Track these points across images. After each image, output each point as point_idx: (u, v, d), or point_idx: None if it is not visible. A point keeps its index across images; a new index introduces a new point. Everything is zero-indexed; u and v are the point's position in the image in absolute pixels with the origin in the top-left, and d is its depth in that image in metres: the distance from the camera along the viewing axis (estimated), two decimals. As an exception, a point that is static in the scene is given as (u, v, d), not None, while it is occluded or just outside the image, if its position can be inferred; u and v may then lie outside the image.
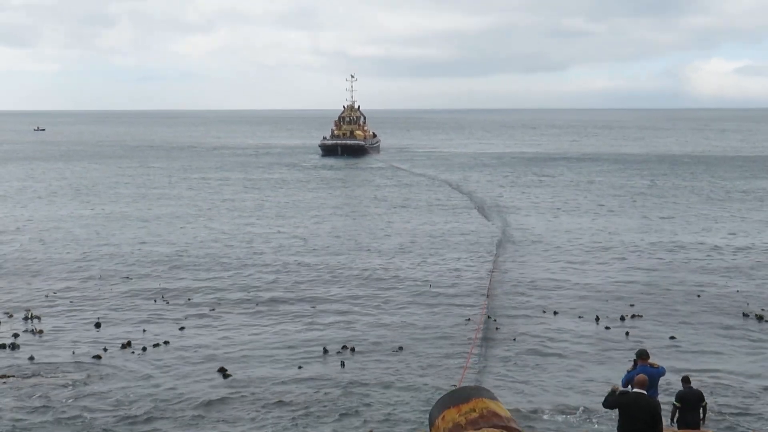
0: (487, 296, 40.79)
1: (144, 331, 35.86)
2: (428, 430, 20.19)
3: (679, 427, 19.02)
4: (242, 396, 27.77)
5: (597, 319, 37.37)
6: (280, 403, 26.91)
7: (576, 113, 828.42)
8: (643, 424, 14.95)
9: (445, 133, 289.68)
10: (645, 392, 15.26)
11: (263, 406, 26.77)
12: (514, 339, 34.14)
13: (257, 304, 40.36)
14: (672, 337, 34.44)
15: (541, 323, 36.76)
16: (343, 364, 30.78)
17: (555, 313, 38.48)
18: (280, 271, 47.87)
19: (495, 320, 36.85)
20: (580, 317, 37.80)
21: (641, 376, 15.79)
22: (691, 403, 19.16)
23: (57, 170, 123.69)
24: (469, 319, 37.02)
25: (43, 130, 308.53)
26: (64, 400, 27.33)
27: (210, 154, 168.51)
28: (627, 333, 35.20)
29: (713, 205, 77.60)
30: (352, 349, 32.67)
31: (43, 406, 26.78)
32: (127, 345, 33.62)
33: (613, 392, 16.25)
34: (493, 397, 20.52)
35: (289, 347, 33.06)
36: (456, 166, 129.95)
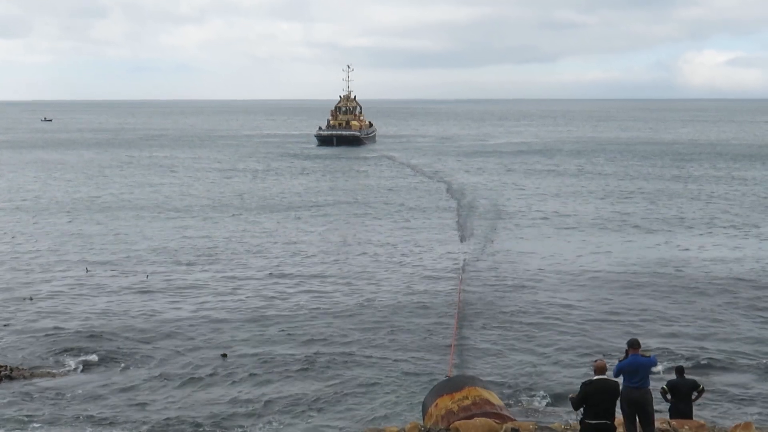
0: (459, 290, 40.76)
1: (145, 318, 36.22)
2: (421, 418, 20.40)
3: (671, 417, 19.16)
4: (240, 383, 28.15)
5: (582, 307, 37.77)
6: (272, 396, 27.19)
7: (569, 104, 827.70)
8: (608, 405, 15.27)
9: (438, 124, 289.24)
10: (606, 377, 15.52)
11: (260, 395, 27.12)
12: (495, 328, 34.43)
13: (246, 297, 40.62)
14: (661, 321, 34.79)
15: (527, 313, 37.02)
16: (330, 361, 30.68)
17: (541, 302, 38.82)
18: (265, 265, 47.75)
19: (479, 309, 37.15)
20: (565, 306, 38.07)
21: (600, 362, 16.09)
22: (682, 393, 19.29)
23: (64, 160, 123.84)
24: (450, 304, 37.32)
25: (50, 120, 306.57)
26: (67, 390, 27.65)
27: (204, 144, 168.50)
28: (615, 320, 35.59)
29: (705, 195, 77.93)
30: (340, 346, 32.59)
31: (49, 397, 27.07)
32: (128, 331, 34.06)
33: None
34: (485, 386, 20.77)
35: (274, 344, 32.82)
36: (448, 156, 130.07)
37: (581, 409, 16.11)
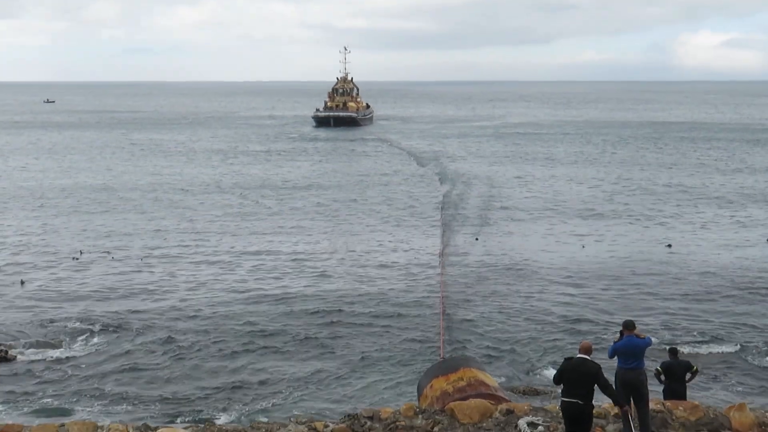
0: (442, 273, 40.73)
1: (139, 298, 36.40)
2: (416, 399, 20.44)
3: (665, 398, 19.20)
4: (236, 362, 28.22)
5: (575, 289, 37.96)
6: (266, 377, 27.38)
7: (564, 86, 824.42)
8: (583, 387, 15.32)
9: (434, 105, 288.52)
10: (587, 357, 15.56)
11: (255, 376, 27.29)
12: (487, 310, 34.53)
13: (240, 279, 40.74)
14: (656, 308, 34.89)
15: (519, 295, 37.19)
16: (322, 343, 30.72)
17: (532, 284, 38.96)
18: (258, 247, 47.81)
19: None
20: (557, 288, 38.31)
21: (585, 342, 16.09)
22: (676, 374, 19.33)
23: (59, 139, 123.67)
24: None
25: (53, 102, 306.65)
26: (67, 368, 27.92)
27: (204, 125, 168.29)
28: (607, 302, 35.78)
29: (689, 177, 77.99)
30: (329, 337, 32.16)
31: (50, 375, 27.31)
32: (122, 311, 34.24)
33: None
34: (481, 367, 20.81)
35: (266, 326, 32.82)
36: (444, 138, 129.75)
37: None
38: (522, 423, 16.73)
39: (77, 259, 44.28)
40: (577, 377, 15.46)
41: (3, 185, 73.05)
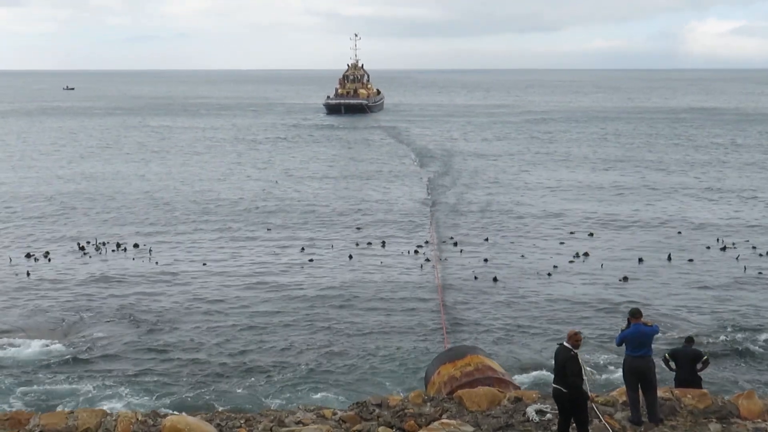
0: (437, 263, 40.77)
1: (150, 284, 36.51)
2: (424, 387, 20.47)
3: (675, 386, 19.21)
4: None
5: (576, 277, 38.02)
6: (275, 366, 27.51)
7: (572, 74, 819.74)
8: (561, 374, 15.48)
9: (443, 93, 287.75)
10: (567, 344, 15.62)
11: (265, 366, 27.43)
12: (485, 302, 34.48)
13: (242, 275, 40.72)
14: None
15: (518, 285, 37.14)
16: (330, 333, 30.79)
17: (549, 275, 38.75)
18: (260, 244, 47.55)
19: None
20: (557, 277, 38.27)
21: (570, 330, 16.16)
22: (681, 361, 19.29)
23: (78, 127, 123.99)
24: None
25: (72, 89, 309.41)
26: (77, 354, 28.13)
27: (208, 113, 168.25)
28: (609, 289, 35.82)
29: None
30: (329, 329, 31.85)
31: (61, 361, 27.55)
32: (130, 297, 34.37)
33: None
34: (487, 355, 20.88)
35: (275, 316, 32.87)
36: (454, 127, 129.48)
37: None
38: (530, 410, 16.73)
39: (84, 249, 44.22)
40: (556, 363, 15.62)
41: (14, 174, 73.24)
